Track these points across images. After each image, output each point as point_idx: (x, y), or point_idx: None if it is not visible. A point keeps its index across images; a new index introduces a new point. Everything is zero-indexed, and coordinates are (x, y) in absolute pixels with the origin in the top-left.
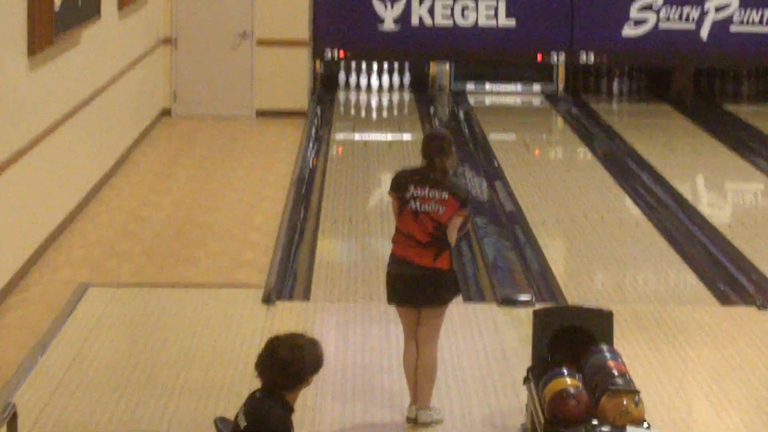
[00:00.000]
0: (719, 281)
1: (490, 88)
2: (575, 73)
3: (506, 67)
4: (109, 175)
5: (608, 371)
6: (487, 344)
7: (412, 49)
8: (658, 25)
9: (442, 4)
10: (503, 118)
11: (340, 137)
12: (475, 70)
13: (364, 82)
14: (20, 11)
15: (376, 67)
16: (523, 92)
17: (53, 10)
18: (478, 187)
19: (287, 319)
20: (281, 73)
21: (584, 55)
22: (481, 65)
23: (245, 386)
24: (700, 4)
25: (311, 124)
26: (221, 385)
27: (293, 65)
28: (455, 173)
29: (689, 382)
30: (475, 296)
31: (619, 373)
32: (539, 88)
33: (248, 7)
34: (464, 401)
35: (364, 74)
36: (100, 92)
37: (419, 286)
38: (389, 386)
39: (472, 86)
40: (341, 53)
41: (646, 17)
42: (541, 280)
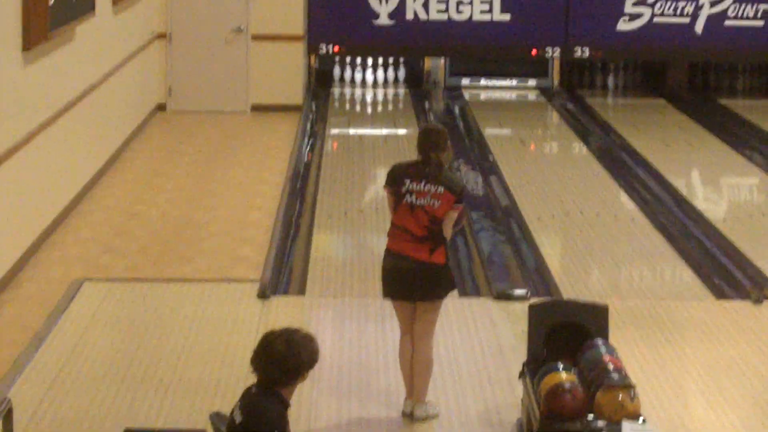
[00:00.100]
0: (715, 276)
1: (485, 83)
2: (570, 68)
3: (501, 62)
4: (103, 170)
5: (604, 366)
6: (482, 339)
7: (406, 44)
8: (652, 19)
9: None
10: (498, 113)
11: (335, 132)
12: (470, 65)
13: (359, 77)
14: (15, 7)
15: (371, 62)
16: (518, 87)
17: (48, 5)
18: (473, 181)
19: (283, 314)
20: (276, 68)
21: (579, 49)
22: (476, 60)
23: (241, 381)
24: None
25: (306, 119)
26: (217, 380)
27: (288, 60)
28: (450, 167)
29: (685, 376)
30: (470, 291)
31: (614, 367)
32: (534, 83)
33: (243, 2)
34: (460, 396)
35: (359, 69)
36: (94, 88)
37: (415, 280)
38: (385, 381)
39: (467, 81)
40: (336, 48)
41: (640, 12)
42: (536, 274)
